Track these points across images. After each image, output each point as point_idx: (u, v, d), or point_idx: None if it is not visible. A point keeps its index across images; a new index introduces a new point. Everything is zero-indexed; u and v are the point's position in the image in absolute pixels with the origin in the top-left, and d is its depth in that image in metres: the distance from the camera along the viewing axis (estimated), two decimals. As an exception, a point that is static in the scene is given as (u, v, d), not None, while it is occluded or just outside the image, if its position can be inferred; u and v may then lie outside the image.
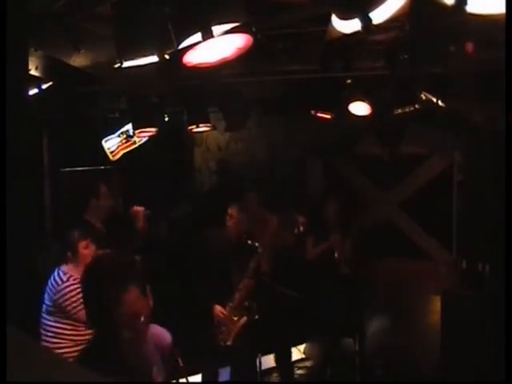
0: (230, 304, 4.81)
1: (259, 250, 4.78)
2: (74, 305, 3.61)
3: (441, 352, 5.51)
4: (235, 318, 4.79)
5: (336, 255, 5.63)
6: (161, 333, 2.35)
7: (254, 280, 4.83)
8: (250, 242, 4.80)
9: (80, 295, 3.55)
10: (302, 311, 5.49)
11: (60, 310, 3.65)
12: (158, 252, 5.21)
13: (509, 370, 2.20)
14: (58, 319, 3.67)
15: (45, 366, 0.95)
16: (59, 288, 3.65)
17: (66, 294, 3.64)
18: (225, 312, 4.77)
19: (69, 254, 3.77)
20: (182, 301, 4.87)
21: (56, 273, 3.74)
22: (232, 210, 4.92)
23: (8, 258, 1.88)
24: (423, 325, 6.21)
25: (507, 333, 2.52)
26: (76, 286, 3.63)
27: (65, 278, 3.69)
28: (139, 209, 4.99)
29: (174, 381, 2.63)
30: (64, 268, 3.76)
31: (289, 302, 5.17)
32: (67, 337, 3.64)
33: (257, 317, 4.77)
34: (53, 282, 3.69)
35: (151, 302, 1.96)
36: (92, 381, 0.99)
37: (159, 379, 2.20)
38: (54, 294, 3.65)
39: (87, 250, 3.76)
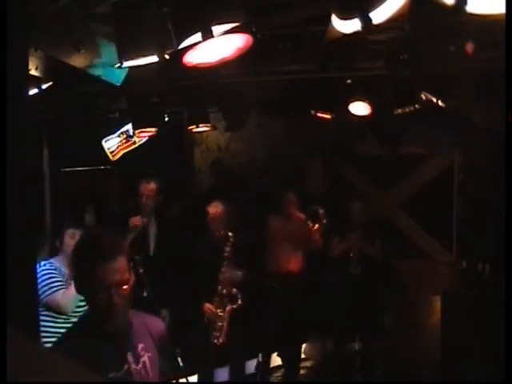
0: (215, 298, 4.79)
1: (231, 239, 4.76)
2: (46, 288, 3.61)
3: (441, 352, 5.51)
4: (220, 312, 4.75)
5: (351, 254, 5.62)
6: (152, 320, 2.36)
7: (232, 268, 4.79)
8: (222, 232, 4.79)
9: (52, 280, 3.57)
10: (302, 310, 5.49)
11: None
12: (155, 253, 5.20)
13: (509, 370, 2.20)
14: (40, 311, 3.63)
15: (45, 366, 0.95)
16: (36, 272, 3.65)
17: (40, 276, 3.61)
18: (212, 308, 4.77)
19: (57, 243, 3.77)
20: (175, 301, 4.88)
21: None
22: (212, 207, 4.93)
23: (8, 258, 1.88)
24: (423, 325, 6.21)
25: (507, 333, 2.52)
26: (49, 271, 3.67)
27: (42, 263, 3.70)
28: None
29: (174, 381, 2.62)
30: (51, 259, 3.76)
31: (280, 298, 5.16)
32: (44, 328, 3.57)
33: (239, 302, 4.72)
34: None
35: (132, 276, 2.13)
36: (92, 381, 0.99)
37: (152, 365, 2.18)
38: None
39: (73, 239, 3.67)
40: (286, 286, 5.20)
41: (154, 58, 2.86)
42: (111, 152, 6.21)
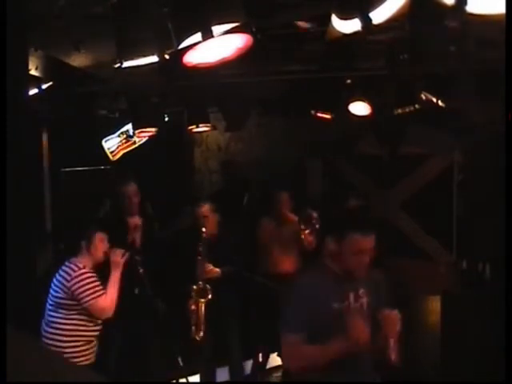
0: (192, 294, 4.73)
1: (204, 234, 4.74)
2: (90, 291, 3.61)
3: (441, 352, 5.50)
4: (193, 308, 4.73)
5: None
6: (377, 273, 2.99)
7: (207, 263, 4.77)
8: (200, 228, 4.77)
9: (95, 284, 3.64)
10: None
11: (73, 299, 3.61)
12: (157, 253, 5.21)
13: (509, 370, 2.20)
14: (66, 314, 3.63)
15: (45, 366, 0.95)
16: (74, 274, 3.62)
17: (82, 280, 3.62)
18: (190, 304, 4.75)
19: (83, 243, 3.76)
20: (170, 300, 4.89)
21: (68, 263, 3.71)
22: (203, 208, 4.91)
23: (8, 258, 1.88)
24: (423, 325, 6.20)
25: (507, 333, 2.52)
26: (91, 275, 3.68)
27: (81, 265, 3.68)
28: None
29: (174, 381, 2.63)
30: (75, 259, 3.74)
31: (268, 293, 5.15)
32: (74, 332, 3.62)
33: (210, 296, 4.67)
34: (67, 271, 3.65)
35: None
36: (92, 381, 0.99)
37: (367, 308, 2.81)
38: (68, 282, 3.60)
39: (102, 243, 3.78)
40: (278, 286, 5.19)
41: (154, 58, 2.86)
42: (111, 152, 6.21)
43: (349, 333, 2.65)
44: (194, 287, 4.71)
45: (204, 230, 4.74)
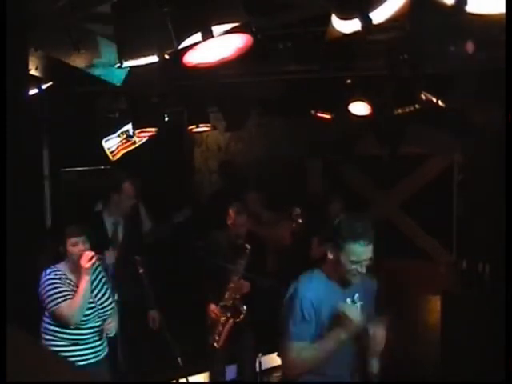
0: (221, 304, 4.74)
1: (248, 249, 4.72)
2: (52, 298, 3.55)
3: (441, 352, 5.50)
4: (223, 319, 4.74)
5: None
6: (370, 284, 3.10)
7: (242, 279, 4.74)
8: (240, 241, 4.75)
9: (58, 290, 3.56)
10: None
11: (43, 304, 3.58)
12: (158, 253, 5.20)
13: (509, 370, 2.20)
14: (45, 318, 3.63)
15: (45, 366, 0.95)
16: (41, 280, 3.59)
17: (46, 286, 3.57)
18: (216, 312, 4.75)
19: (60, 249, 3.72)
20: (180, 301, 4.87)
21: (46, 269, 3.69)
22: (231, 211, 4.89)
23: (8, 258, 1.88)
24: (423, 325, 6.20)
25: (507, 333, 2.52)
26: (55, 281, 3.60)
27: (48, 271, 3.63)
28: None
29: (174, 381, 2.63)
30: (57, 264, 3.70)
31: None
32: (57, 334, 3.61)
33: (241, 317, 4.67)
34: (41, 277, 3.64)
35: None
36: (91, 381, 0.99)
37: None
38: (39, 287, 3.57)
39: (76, 247, 3.66)
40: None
41: (154, 58, 2.86)
42: (111, 152, 6.20)
43: (344, 321, 2.77)
44: (230, 302, 4.68)
45: (248, 247, 4.65)
